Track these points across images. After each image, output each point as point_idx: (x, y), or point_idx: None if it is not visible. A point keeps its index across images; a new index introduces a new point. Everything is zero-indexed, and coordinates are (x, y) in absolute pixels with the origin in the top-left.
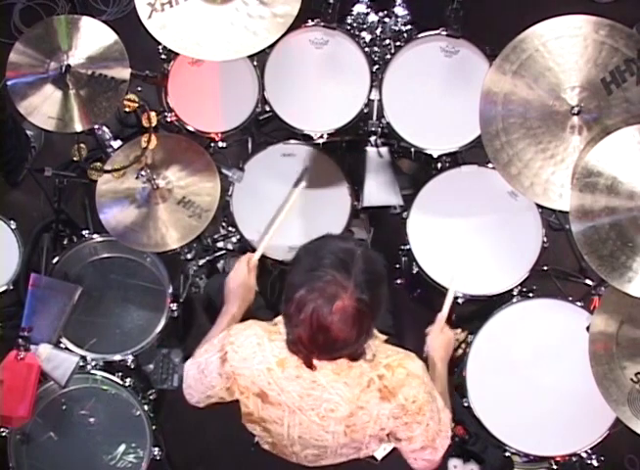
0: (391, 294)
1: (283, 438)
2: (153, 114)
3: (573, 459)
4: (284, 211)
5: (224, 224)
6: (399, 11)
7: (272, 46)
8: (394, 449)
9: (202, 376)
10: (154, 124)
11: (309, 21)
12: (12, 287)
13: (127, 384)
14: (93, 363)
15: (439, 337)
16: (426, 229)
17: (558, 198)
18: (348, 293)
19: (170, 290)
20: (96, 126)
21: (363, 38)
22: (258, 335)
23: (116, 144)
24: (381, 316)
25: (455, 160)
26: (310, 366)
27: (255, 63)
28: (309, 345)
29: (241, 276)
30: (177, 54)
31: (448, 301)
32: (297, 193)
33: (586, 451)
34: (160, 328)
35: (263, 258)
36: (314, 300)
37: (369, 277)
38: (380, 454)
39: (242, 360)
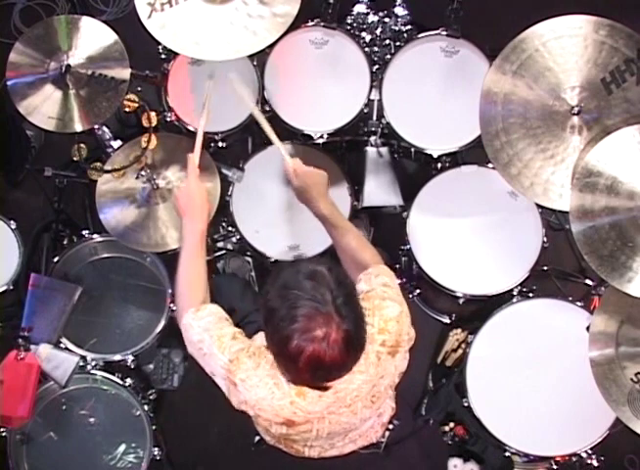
0: None
1: (308, 440)
2: (153, 114)
3: (573, 459)
4: (205, 104)
5: (224, 224)
6: (399, 11)
7: (272, 46)
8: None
9: (202, 358)
10: (154, 124)
11: (309, 21)
12: (12, 287)
13: (127, 384)
14: (93, 363)
15: (299, 182)
16: (426, 229)
17: (558, 198)
18: (334, 327)
19: (170, 290)
20: (96, 126)
21: (363, 38)
22: (271, 375)
23: (116, 144)
24: None
25: (455, 160)
26: (325, 389)
27: (255, 63)
28: (315, 381)
29: (193, 184)
30: (177, 54)
31: (281, 149)
32: (210, 85)
33: (586, 451)
34: (159, 328)
35: (263, 258)
36: (306, 347)
37: (344, 297)
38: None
39: (259, 400)
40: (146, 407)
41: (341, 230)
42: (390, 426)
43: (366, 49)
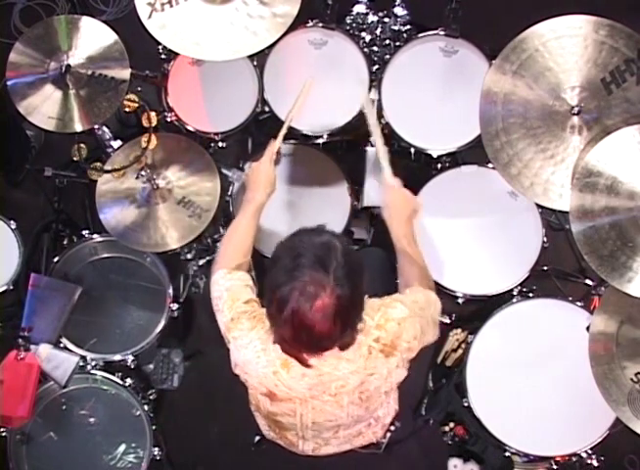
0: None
1: (295, 427)
2: (153, 114)
3: (573, 459)
4: (298, 99)
5: (224, 224)
6: (399, 11)
7: (272, 46)
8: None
9: (216, 315)
10: (154, 124)
11: (309, 21)
12: (12, 287)
13: (127, 384)
14: (93, 363)
15: (385, 199)
16: (425, 229)
17: (558, 198)
18: (328, 291)
19: (170, 290)
20: (96, 126)
21: (363, 38)
22: (262, 339)
23: (116, 144)
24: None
25: (455, 160)
26: (306, 365)
27: (255, 63)
28: (294, 343)
29: (265, 165)
30: (177, 54)
31: (379, 146)
32: (309, 82)
33: (586, 451)
34: (159, 328)
35: (261, 258)
36: (294, 299)
37: (348, 271)
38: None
39: (246, 362)
40: (146, 407)
41: (408, 257)
42: (392, 428)
43: (365, 49)
